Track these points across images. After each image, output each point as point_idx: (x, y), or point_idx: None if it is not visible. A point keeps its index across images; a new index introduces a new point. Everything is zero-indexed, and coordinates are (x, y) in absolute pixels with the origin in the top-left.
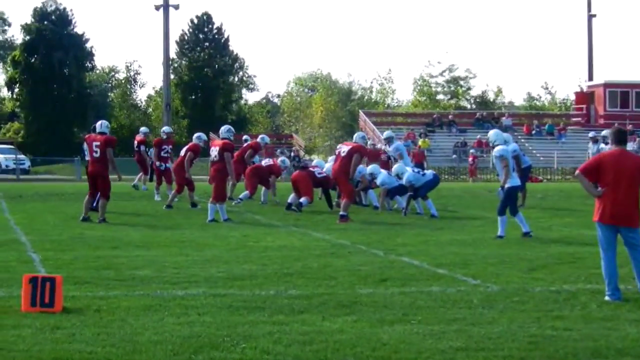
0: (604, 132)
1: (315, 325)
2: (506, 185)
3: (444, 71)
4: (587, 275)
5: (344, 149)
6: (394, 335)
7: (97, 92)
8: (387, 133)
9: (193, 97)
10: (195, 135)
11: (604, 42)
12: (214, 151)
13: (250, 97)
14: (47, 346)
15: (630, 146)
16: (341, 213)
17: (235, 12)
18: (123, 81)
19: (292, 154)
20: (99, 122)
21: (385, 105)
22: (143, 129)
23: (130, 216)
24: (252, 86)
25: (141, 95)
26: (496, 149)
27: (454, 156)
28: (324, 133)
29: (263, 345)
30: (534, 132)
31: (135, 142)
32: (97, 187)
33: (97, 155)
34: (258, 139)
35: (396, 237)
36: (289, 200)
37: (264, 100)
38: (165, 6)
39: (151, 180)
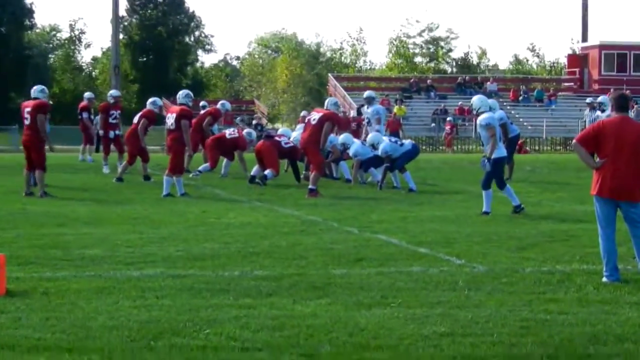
0: (600, 99)
1: (286, 309)
2: (492, 157)
3: (422, 31)
4: (582, 254)
5: (314, 116)
6: (372, 320)
7: (37, 54)
8: (368, 92)
9: (144, 59)
10: (150, 100)
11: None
12: (170, 118)
13: (207, 60)
14: None
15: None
16: (310, 187)
17: None
18: (66, 41)
19: (255, 121)
20: (35, 87)
21: (357, 69)
22: (87, 94)
23: (76, 191)
24: (209, 47)
25: (86, 57)
26: (481, 116)
27: (433, 125)
28: (289, 99)
29: (229, 330)
30: (521, 98)
31: (79, 109)
32: (31, 158)
33: (28, 122)
34: (218, 105)
35: (371, 213)
36: (252, 173)
37: (222, 63)
38: None
39: (97, 150)
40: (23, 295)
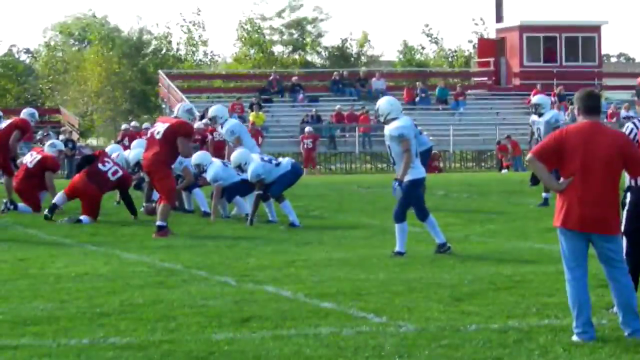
0: (536, 99)
1: None
2: (407, 178)
3: (282, 11)
4: (538, 305)
5: (159, 128)
6: None
7: None
8: (214, 109)
9: None
10: None
11: None
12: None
13: None
14: None
15: (549, 116)
16: (159, 222)
17: None
18: None
19: (62, 137)
20: None
21: (195, 63)
22: None
23: None
24: None
25: None
26: (393, 125)
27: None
28: (105, 105)
29: None
30: (418, 99)
31: None
32: None
33: None
34: (24, 115)
35: (247, 258)
36: (54, 200)
37: (7, 58)
38: None
39: None
40: None
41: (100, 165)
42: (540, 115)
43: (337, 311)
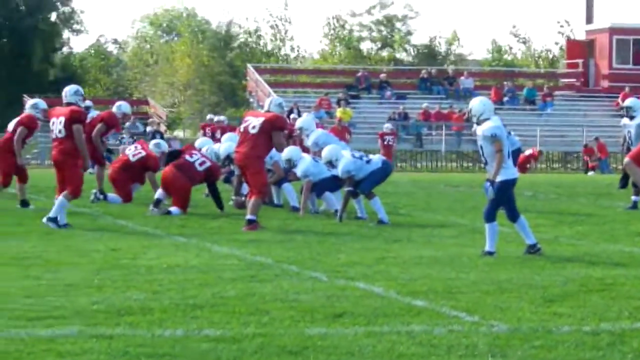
0: (628, 102)
1: None
2: (499, 179)
3: (372, 7)
4: (631, 308)
5: (252, 122)
6: None
7: None
8: (302, 120)
9: None
10: (30, 103)
11: None
12: (57, 124)
13: (75, 43)
14: None
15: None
16: (249, 216)
17: None
18: None
19: (150, 129)
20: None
21: (281, 58)
22: None
23: None
24: (79, 27)
25: None
26: (485, 125)
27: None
28: (193, 97)
29: None
30: (506, 99)
31: None
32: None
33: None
34: (113, 109)
35: (337, 253)
36: (157, 196)
37: (95, 48)
38: None
39: None
40: None
41: (187, 157)
42: (631, 118)
43: (429, 309)
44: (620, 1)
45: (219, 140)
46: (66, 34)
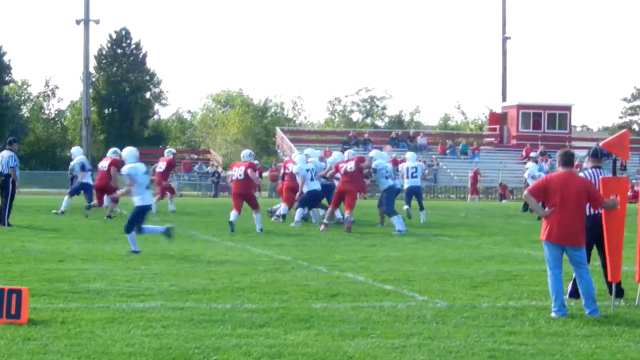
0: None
1: (280, 338)
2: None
3: (359, 90)
4: (529, 292)
5: (238, 171)
6: (358, 349)
7: (11, 105)
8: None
9: (110, 111)
10: (168, 150)
11: (518, 63)
12: (238, 171)
13: (162, 112)
14: (23, 357)
15: (543, 167)
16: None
17: (153, 29)
18: (39, 95)
19: (210, 169)
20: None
21: (298, 124)
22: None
23: (65, 230)
24: (165, 102)
25: (58, 109)
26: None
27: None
28: (240, 149)
29: (233, 357)
30: (448, 151)
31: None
32: None
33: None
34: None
35: (334, 254)
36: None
37: (175, 116)
38: (86, 21)
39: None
40: (44, 324)
41: None
42: (535, 162)
43: (395, 291)
44: (524, 86)
45: None
46: (156, 106)
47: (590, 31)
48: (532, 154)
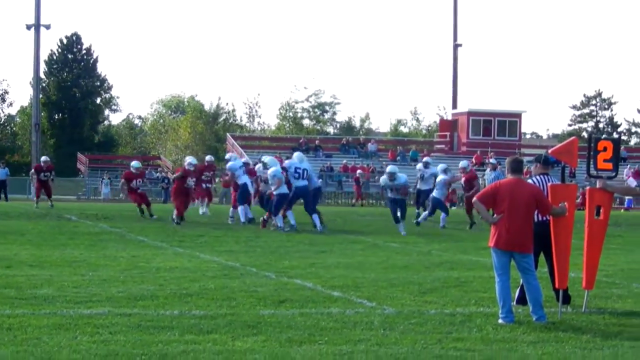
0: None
1: (227, 344)
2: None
3: (309, 96)
4: (477, 298)
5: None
6: (306, 355)
7: None
8: (269, 159)
9: (59, 116)
10: (187, 161)
11: (469, 71)
12: None
13: (113, 118)
14: None
15: (493, 174)
16: None
17: (104, 34)
18: None
19: (161, 174)
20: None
21: (250, 129)
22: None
23: (14, 235)
24: (115, 107)
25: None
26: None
27: (320, 180)
28: (191, 154)
29: None
30: (398, 158)
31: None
32: None
33: None
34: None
35: (283, 260)
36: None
37: (126, 122)
38: (37, 26)
39: None
40: None
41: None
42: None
43: (343, 298)
44: (475, 93)
45: None
46: (107, 112)
47: (540, 39)
48: (491, 160)
